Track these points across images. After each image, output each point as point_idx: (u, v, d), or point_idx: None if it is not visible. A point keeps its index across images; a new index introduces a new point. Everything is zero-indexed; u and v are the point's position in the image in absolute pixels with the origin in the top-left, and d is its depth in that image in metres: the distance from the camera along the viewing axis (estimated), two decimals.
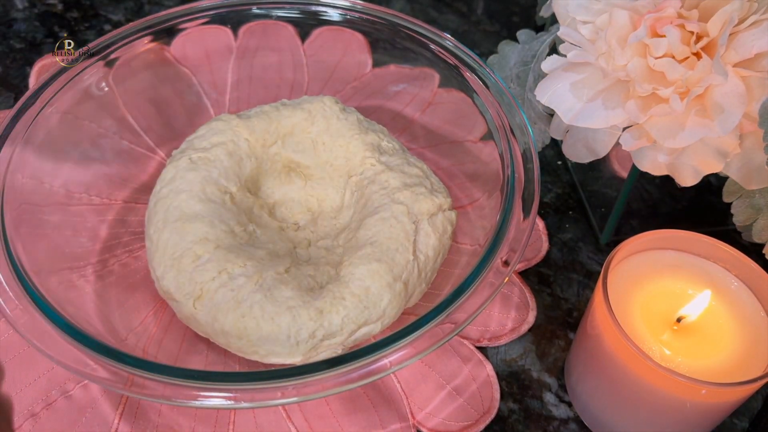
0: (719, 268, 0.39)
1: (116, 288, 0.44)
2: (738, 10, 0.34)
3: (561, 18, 0.40)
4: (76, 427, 0.39)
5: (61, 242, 0.43)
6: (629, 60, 0.36)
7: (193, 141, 0.46)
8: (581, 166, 0.53)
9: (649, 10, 0.36)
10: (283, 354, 0.38)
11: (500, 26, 0.68)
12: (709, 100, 0.35)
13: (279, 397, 0.32)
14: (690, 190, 0.49)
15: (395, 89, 0.55)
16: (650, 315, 0.37)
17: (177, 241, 0.40)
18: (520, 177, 0.41)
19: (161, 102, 0.52)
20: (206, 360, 0.41)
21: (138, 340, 0.41)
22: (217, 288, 0.39)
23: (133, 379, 0.32)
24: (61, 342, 0.33)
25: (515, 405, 0.42)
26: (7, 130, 0.42)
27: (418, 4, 0.70)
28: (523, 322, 0.45)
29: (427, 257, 0.42)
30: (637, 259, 0.39)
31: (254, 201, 0.45)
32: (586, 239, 0.51)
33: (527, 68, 0.46)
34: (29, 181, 0.42)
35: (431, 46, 0.48)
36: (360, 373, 0.33)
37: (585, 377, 0.40)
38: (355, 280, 0.39)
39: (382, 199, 0.43)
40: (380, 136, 0.48)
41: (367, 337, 0.40)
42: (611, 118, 0.37)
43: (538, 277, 0.48)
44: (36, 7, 0.65)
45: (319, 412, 0.40)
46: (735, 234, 0.42)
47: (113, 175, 0.49)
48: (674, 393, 0.34)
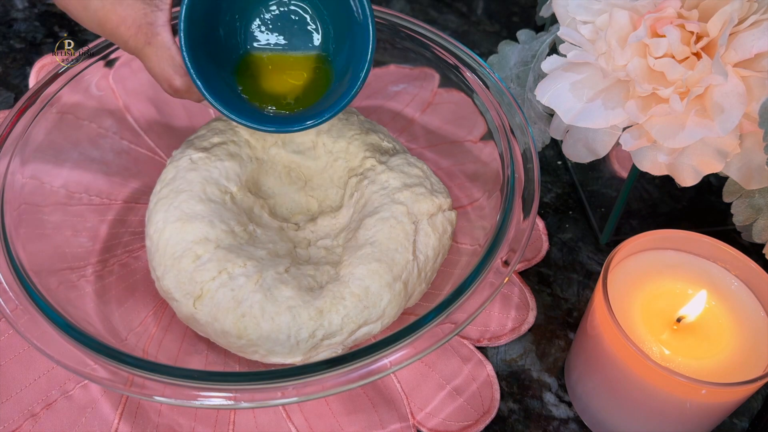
0: (719, 268, 0.39)
1: (116, 288, 0.44)
2: (738, 10, 0.34)
3: (561, 18, 0.40)
4: (76, 427, 0.39)
5: (61, 242, 0.43)
6: (629, 60, 0.36)
7: (193, 141, 0.46)
8: (581, 166, 0.54)
9: (649, 10, 0.36)
10: (283, 354, 0.38)
11: (500, 26, 0.68)
12: (709, 100, 0.35)
13: (279, 397, 0.32)
14: (690, 190, 0.49)
15: (395, 89, 0.55)
16: (650, 315, 0.37)
17: (177, 241, 0.40)
18: (520, 177, 0.41)
19: (161, 102, 0.52)
20: (206, 360, 0.41)
21: (138, 340, 0.41)
22: (217, 288, 0.39)
23: (133, 379, 0.32)
24: (61, 342, 0.33)
25: (515, 405, 0.42)
26: (7, 130, 0.42)
27: (418, 4, 0.70)
28: (523, 322, 0.45)
29: (427, 257, 0.42)
30: (637, 259, 0.39)
31: (254, 201, 0.45)
32: (586, 239, 0.51)
33: (527, 68, 0.46)
34: (29, 181, 0.42)
35: (431, 46, 0.48)
36: (360, 373, 0.33)
37: (585, 377, 0.40)
38: (355, 280, 0.39)
39: (382, 200, 0.43)
40: (380, 136, 0.48)
41: (367, 337, 0.40)
42: (611, 118, 0.37)
43: (538, 277, 0.48)
44: (36, 7, 0.65)
45: (319, 412, 0.40)
46: (735, 234, 0.42)
47: (113, 175, 0.49)
48: (674, 393, 0.34)
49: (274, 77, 0.41)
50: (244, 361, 0.41)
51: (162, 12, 0.36)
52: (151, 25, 0.36)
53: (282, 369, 0.33)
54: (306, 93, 0.41)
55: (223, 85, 0.39)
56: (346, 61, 0.40)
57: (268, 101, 0.41)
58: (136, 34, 0.36)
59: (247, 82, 0.41)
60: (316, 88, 0.41)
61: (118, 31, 0.36)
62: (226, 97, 0.39)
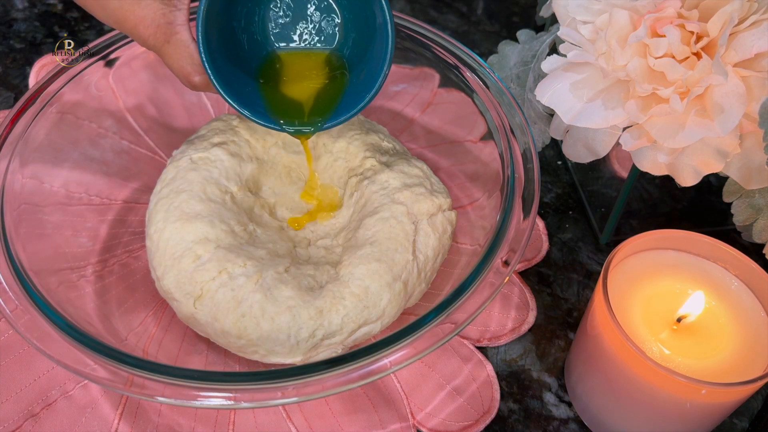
0: (719, 268, 0.39)
1: (116, 288, 0.44)
2: (738, 10, 0.34)
3: (561, 18, 0.40)
4: (76, 427, 0.39)
5: (61, 242, 0.43)
6: (629, 60, 0.36)
7: (193, 141, 0.46)
8: (581, 166, 0.54)
9: (649, 10, 0.36)
10: (283, 353, 0.38)
11: (500, 26, 0.68)
12: (709, 100, 0.35)
13: (279, 397, 0.32)
14: (690, 190, 0.49)
15: (395, 89, 0.55)
16: (650, 315, 0.37)
17: (177, 240, 0.40)
18: (520, 177, 0.41)
19: (161, 102, 0.52)
20: (206, 360, 0.41)
21: (138, 340, 0.41)
22: (217, 288, 0.39)
23: (133, 379, 0.32)
24: (61, 342, 0.33)
25: (515, 405, 0.42)
26: (8, 129, 0.42)
27: (418, 4, 0.70)
28: (523, 322, 0.45)
29: (427, 257, 0.42)
30: (637, 259, 0.39)
31: (255, 201, 0.45)
32: (586, 239, 0.51)
33: (527, 68, 0.46)
34: (29, 181, 0.42)
35: (431, 46, 0.48)
36: (360, 373, 0.33)
37: (585, 377, 0.40)
38: (355, 280, 0.39)
39: (382, 200, 0.43)
40: (380, 136, 0.48)
41: (367, 336, 0.40)
42: (611, 118, 0.37)
43: (538, 277, 0.48)
44: (36, 7, 0.65)
45: (319, 412, 0.40)
46: (735, 234, 0.42)
47: (113, 175, 0.49)
48: (674, 393, 0.34)
49: (293, 77, 0.42)
50: (244, 361, 0.41)
51: (180, 12, 0.37)
52: (169, 24, 0.36)
53: (282, 369, 0.33)
54: (323, 94, 0.41)
55: (241, 83, 0.40)
56: (363, 63, 0.40)
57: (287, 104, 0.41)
58: (155, 33, 0.36)
59: (267, 81, 0.41)
60: (332, 90, 0.41)
61: (137, 30, 0.36)
62: (244, 96, 0.39)
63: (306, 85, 0.41)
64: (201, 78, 0.38)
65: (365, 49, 0.40)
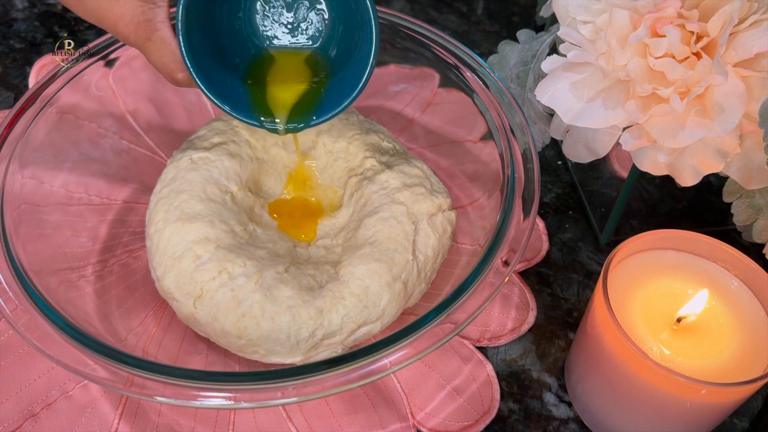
0: (719, 268, 0.39)
1: (116, 288, 0.44)
2: (738, 10, 0.34)
3: (561, 18, 0.40)
4: (76, 427, 0.39)
5: (61, 242, 0.43)
6: (629, 60, 0.36)
7: (193, 141, 0.46)
8: (581, 166, 0.54)
9: (649, 10, 0.36)
10: (283, 353, 0.38)
11: (500, 26, 0.68)
12: (709, 100, 0.35)
13: (279, 397, 0.32)
14: (690, 190, 0.49)
15: (395, 89, 0.55)
16: (650, 315, 0.37)
17: (177, 240, 0.40)
18: (520, 177, 0.41)
19: (161, 102, 0.52)
20: (206, 360, 0.41)
21: (138, 340, 0.41)
22: (217, 288, 0.39)
23: (133, 379, 0.32)
24: (61, 342, 0.33)
25: (515, 405, 0.42)
26: (7, 130, 0.42)
27: (418, 4, 0.70)
28: (523, 322, 0.45)
29: (427, 257, 0.42)
30: (637, 259, 0.39)
31: (255, 200, 0.45)
32: (586, 239, 0.51)
33: (527, 68, 0.46)
34: (29, 181, 0.42)
35: (431, 46, 0.48)
36: (360, 373, 0.33)
37: (585, 377, 0.40)
38: (355, 280, 0.39)
39: (382, 200, 0.43)
40: (380, 136, 0.48)
41: (367, 336, 0.40)
42: (611, 118, 0.37)
43: (538, 277, 0.48)
44: (36, 7, 0.65)
45: (319, 412, 0.40)
46: (735, 234, 0.42)
47: (113, 175, 0.48)
48: (674, 393, 0.34)
49: (279, 74, 0.41)
50: (244, 361, 0.41)
51: (160, 9, 0.36)
52: (149, 21, 0.36)
53: (282, 369, 0.33)
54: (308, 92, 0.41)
55: (225, 80, 0.39)
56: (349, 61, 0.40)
57: (272, 101, 0.41)
58: (135, 31, 0.36)
59: (252, 79, 0.41)
60: (318, 88, 0.41)
61: (117, 28, 0.36)
62: (227, 94, 0.39)
63: (292, 82, 0.41)
64: (184, 74, 0.38)
65: (351, 47, 0.40)
